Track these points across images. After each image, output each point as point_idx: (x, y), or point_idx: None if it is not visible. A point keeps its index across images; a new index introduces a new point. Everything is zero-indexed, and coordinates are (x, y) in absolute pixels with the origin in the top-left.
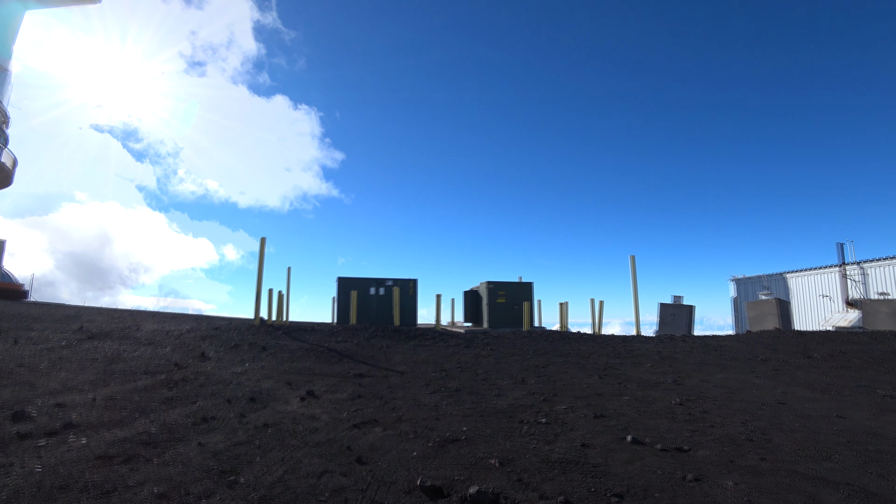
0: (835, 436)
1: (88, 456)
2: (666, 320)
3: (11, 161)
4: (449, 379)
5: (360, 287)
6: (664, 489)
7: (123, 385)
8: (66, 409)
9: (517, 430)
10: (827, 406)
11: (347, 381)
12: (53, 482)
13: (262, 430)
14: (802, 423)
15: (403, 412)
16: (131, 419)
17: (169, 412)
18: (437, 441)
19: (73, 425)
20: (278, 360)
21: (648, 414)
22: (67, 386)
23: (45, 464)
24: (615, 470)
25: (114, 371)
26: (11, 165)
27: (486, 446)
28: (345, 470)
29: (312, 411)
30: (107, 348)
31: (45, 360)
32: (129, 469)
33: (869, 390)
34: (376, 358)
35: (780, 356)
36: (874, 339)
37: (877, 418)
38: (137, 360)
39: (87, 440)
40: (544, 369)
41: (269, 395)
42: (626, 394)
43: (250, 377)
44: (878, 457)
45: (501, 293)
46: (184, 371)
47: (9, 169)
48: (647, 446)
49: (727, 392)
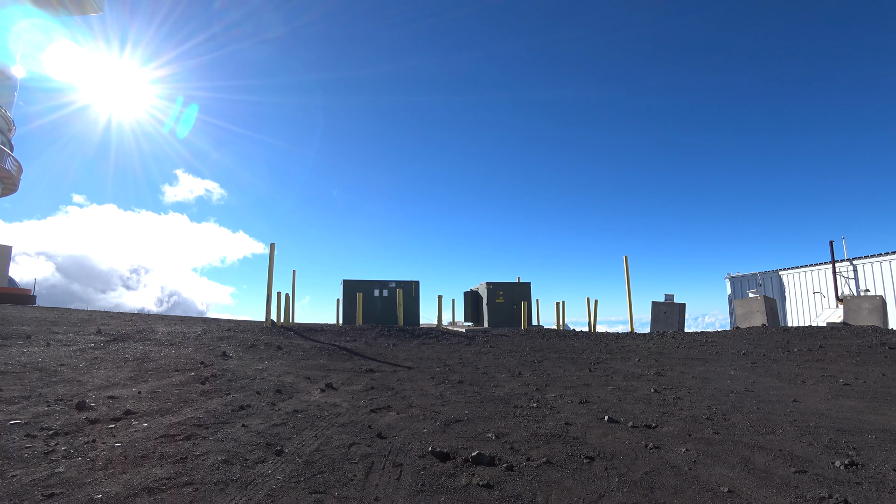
0: (785, 416)
1: (154, 435)
2: (658, 318)
3: (17, 168)
4: (452, 373)
5: (365, 289)
6: (628, 454)
7: (160, 381)
8: (119, 400)
9: (511, 413)
10: (788, 393)
11: (360, 375)
12: (135, 453)
13: (293, 415)
14: (760, 407)
15: (413, 400)
16: (178, 408)
17: (208, 402)
18: (443, 421)
19: (131, 413)
20: (294, 357)
21: (627, 400)
22: (111, 382)
23: (121, 441)
24: (590, 441)
25: (147, 369)
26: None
27: (484, 425)
28: (368, 442)
29: (333, 400)
30: (133, 349)
31: (82, 361)
32: (192, 444)
33: (832, 380)
34: (384, 355)
35: (762, 350)
36: (855, 334)
37: (828, 402)
38: (165, 359)
39: (147, 424)
40: (539, 364)
41: (293, 388)
42: (611, 384)
43: (272, 373)
44: (815, 431)
45: (500, 293)
46: (210, 368)
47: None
48: (620, 424)
49: (703, 382)
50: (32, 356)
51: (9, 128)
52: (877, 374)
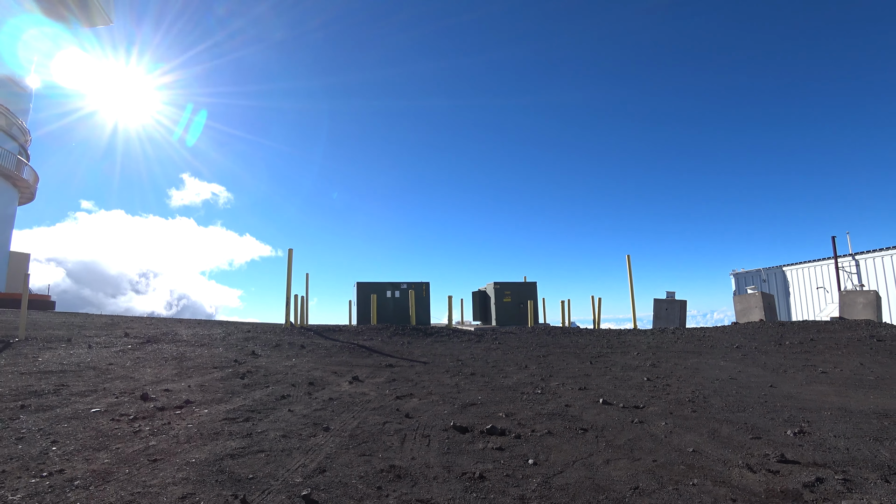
0: (758, 398)
1: (217, 418)
2: (660, 315)
3: (34, 177)
4: (464, 367)
5: (378, 291)
6: (616, 427)
7: (203, 377)
8: (175, 392)
9: (519, 398)
10: (768, 380)
11: (381, 370)
12: (207, 431)
13: (329, 402)
14: (739, 391)
15: (431, 389)
16: (228, 398)
17: (252, 393)
18: (460, 405)
19: (190, 402)
20: (318, 355)
21: (621, 387)
22: (160, 378)
23: (191, 423)
24: (586, 418)
25: (188, 367)
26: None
27: (495, 407)
28: (399, 421)
29: (361, 390)
30: (168, 350)
31: (127, 360)
32: (251, 424)
33: (812, 369)
34: (400, 352)
35: (754, 344)
36: (847, 327)
37: (801, 388)
38: (200, 358)
39: (207, 410)
40: (544, 358)
41: (323, 381)
42: (609, 374)
43: (301, 369)
44: (780, 409)
45: (507, 293)
46: (245, 365)
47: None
48: (613, 405)
49: (692, 372)
50: (80, 357)
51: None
52: (855, 364)
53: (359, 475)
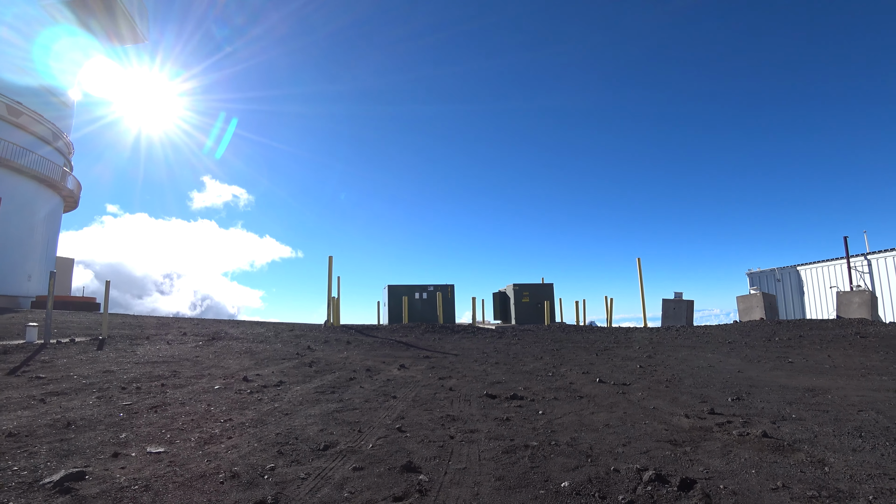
0: (722, 380)
1: (309, 392)
2: (668, 314)
3: (77, 186)
4: (489, 357)
5: (408, 293)
6: (604, 395)
7: (279, 365)
8: (265, 376)
9: (534, 378)
10: (739, 367)
11: (420, 360)
12: (308, 399)
13: (388, 382)
14: (710, 375)
15: (465, 373)
16: (308, 380)
17: (325, 376)
18: (488, 383)
19: (283, 382)
20: (364, 349)
21: (617, 371)
22: (244, 367)
23: (293, 395)
24: (583, 390)
25: (261, 358)
26: (77, 190)
27: (516, 384)
28: (445, 392)
29: (409, 374)
30: (236, 346)
31: (209, 354)
32: (337, 395)
33: (783, 359)
34: (433, 346)
35: (746, 339)
36: (839, 325)
37: (763, 373)
38: (267, 352)
39: (299, 387)
40: (558, 351)
41: (377, 368)
42: (610, 363)
43: (354, 359)
44: (734, 386)
45: (526, 293)
46: (307, 357)
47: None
48: (606, 383)
49: (680, 362)
50: (169, 351)
51: (69, 151)
52: (824, 356)
53: (426, 419)
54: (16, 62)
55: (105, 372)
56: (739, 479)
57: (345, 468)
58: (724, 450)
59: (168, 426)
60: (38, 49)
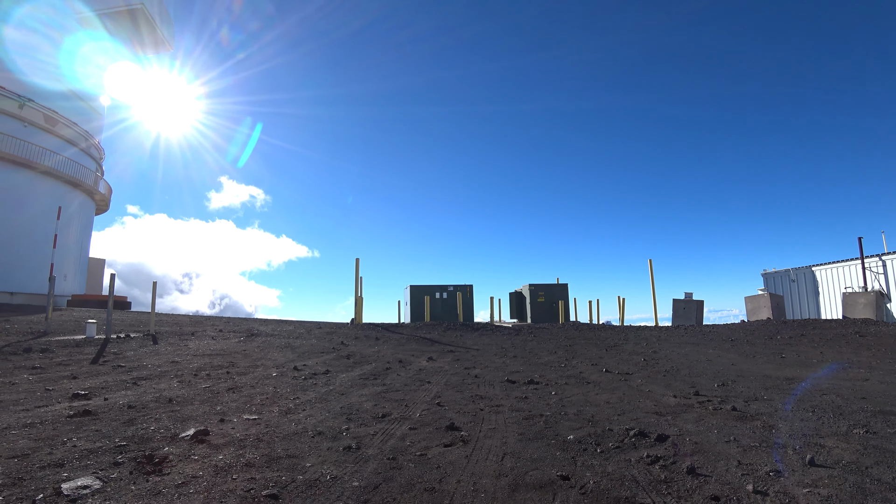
0: (715, 371)
1: (354, 378)
2: (678, 313)
3: (108, 190)
4: (508, 352)
5: (429, 293)
6: (609, 382)
7: (320, 358)
8: (311, 366)
9: (548, 369)
10: (734, 361)
11: (445, 354)
12: (356, 383)
13: (420, 371)
14: (705, 367)
15: (487, 364)
16: (350, 369)
17: (363, 367)
18: (508, 372)
19: (329, 371)
20: (392, 344)
21: (623, 363)
22: (290, 359)
23: (342, 381)
24: (591, 378)
25: (302, 352)
26: (108, 193)
27: (532, 373)
28: (471, 379)
29: (438, 365)
30: (275, 341)
31: (254, 348)
32: (380, 380)
33: (777, 355)
34: (456, 342)
35: (749, 337)
36: (842, 325)
37: (754, 366)
38: (305, 346)
39: (345, 375)
40: (571, 347)
41: (407, 360)
42: (617, 357)
43: (385, 353)
44: (723, 376)
45: (541, 293)
46: (343, 351)
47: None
48: (611, 373)
49: (682, 356)
50: (217, 345)
51: (100, 156)
52: (816, 353)
53: (458, 398)
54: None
55: (171, 362)
56: (703, 436)
57: (402, 428)
58: (697, 418)
59: (249, 402)
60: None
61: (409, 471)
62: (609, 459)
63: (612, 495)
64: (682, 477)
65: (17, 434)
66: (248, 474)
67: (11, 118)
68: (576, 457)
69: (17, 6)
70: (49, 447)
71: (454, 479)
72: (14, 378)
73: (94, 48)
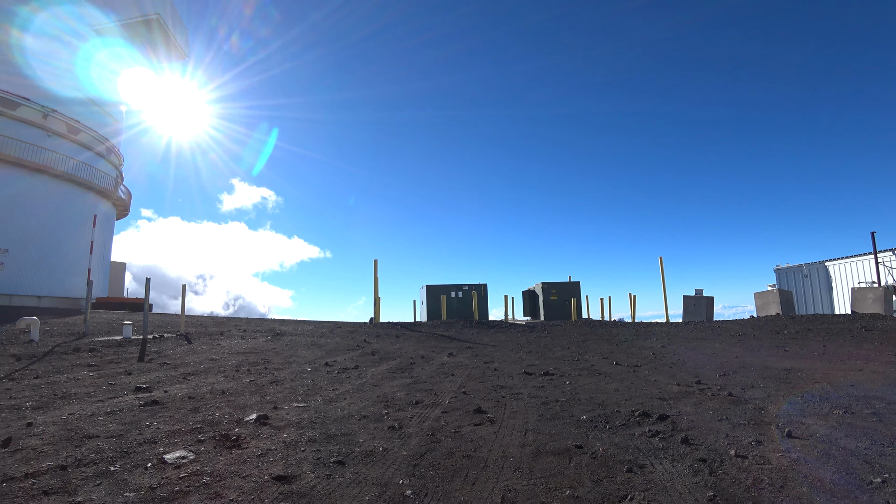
0: (719, 363)
1: (384, 372)
2: (689, 310)
3: (128, 195)
4: (523, 348)
5: (445, 292)
6: (618, 373)
7: (346, 355)
8: (340, 362)
9: (562, 362)
10: (738, 354)
11: (464, 350)
12: (386, 377)
13: (443, 365)
14: (710, 359)
15: (504, 359)
16: (376, 364)
17: (389, 362)
18: (525, 365)
19: (358, 366)
20: (413, 341)
21: (632, 357)
22: (318, 356)
23: (373, 374)
24: (602, 370)
25: (328, 350)
26: (128, 199)
27: (547, 366)
28: (491, 372)
29: (459, 360)
30: (301, 340)
31: (283, 346)
32: (406, 373)
33: (780, 349)
34: (473, 339)
35: (757, 332)
36: (850, 320)
37: (757, 358)
38: (330, 345)
39: (373, 370)
40: (583, 343)
41: (430, 356)
42: (627, 352)
43: (407, 350)
44: (726, 367)
45: (554, 291)
46: (367, 348)
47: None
48: (621, 365)
49: (689, 350)
50: (248, 344)
51: (120, 162)
52: (819, 346)
53: (481, 388)
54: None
55: (210, 360)
56: (699, 416)
57: (435, 412)
58: (696, 402)
59: (294, 393)
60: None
61: (447, 443)
62: (616, 433)
63: (617, 459)
64: (676, 445)
65: (104, 419)
66: (313, 447)
67: (36, 128)
68: (588, 432)
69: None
70: (137, 430)
71: (486, 449)
72: (76, 374)
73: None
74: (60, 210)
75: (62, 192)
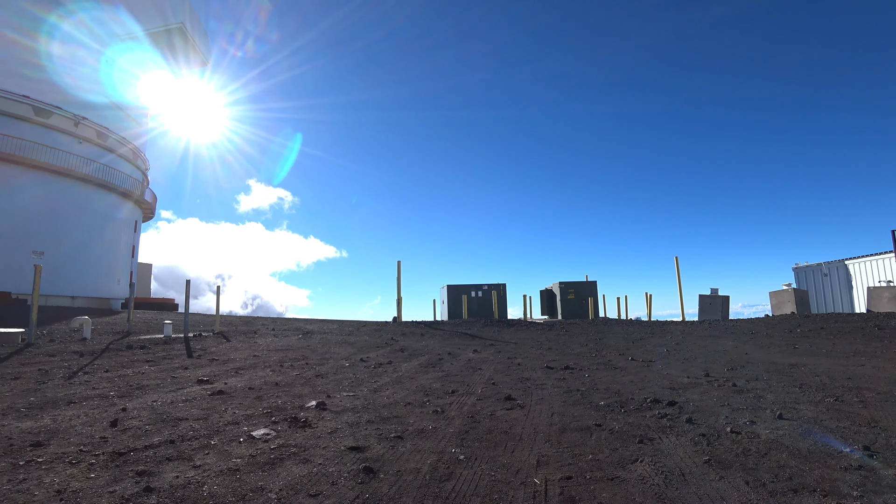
0: (729, 359)
1: (416, 367)
2: (704, 309)
3: (153, 198)
4: (543, 345)
5: (465, 291)
6: (634, 367)
7: (377, 351)
8: (373, 358)
9: (581, 358)
10: (749, 351)
11: (487, 347)
12: (419, 371)
13: (469, 361)
14: (720, 356)
15: (526, 355)
16: (408, 360)
17: (418, 358)
18: (546, 360)
19: (391, 362)
20: (437, 339)
21: (647, 353)
22: (351, 353)
23: (404, 369)
24: (618, 365)
25: (359, 347)
26: (153, 201)
27: (566, 361)
28: (515, 366)
29: (483, 356)
30: (331, 338)
31: (315, 344)
32: (437, 369)
33: (790, 346)
34: (495, 337)
35: (770, 331)
36: (863, 319)
37: (765, 355)
38: (360, 342)
39: (406, 365)
40: (600, 340)
41: (456, 353)
42: (642, 348)
43: (433, 347)
44: (733, 362)
45: (571, 291)
46: (395, 345)
47: (152, 204)
48: (636, 361)
49: (702, 347)
50: (282, 343)
51: (146, 167)
52: (828, 344)
53: (508, 380)
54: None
55: (254, 356)
56: (704, 402)
57: (470, 399)
58: (702, 392)
59: (339, 384)
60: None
61: (486, 423)
62: (630, 415)
63: (630, 434)
64: (681, 424)
65: (184, 406)
66: (373, 426)
67: (67, 135)
68: (605, 414)
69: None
70: (217, 414)
71: (519, 427)
72: (139, 369)
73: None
74: (90, 213)
75: (91, 195)
